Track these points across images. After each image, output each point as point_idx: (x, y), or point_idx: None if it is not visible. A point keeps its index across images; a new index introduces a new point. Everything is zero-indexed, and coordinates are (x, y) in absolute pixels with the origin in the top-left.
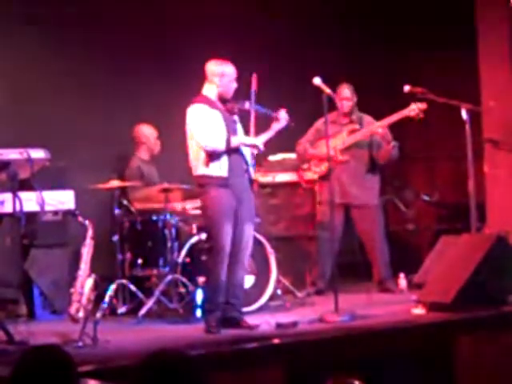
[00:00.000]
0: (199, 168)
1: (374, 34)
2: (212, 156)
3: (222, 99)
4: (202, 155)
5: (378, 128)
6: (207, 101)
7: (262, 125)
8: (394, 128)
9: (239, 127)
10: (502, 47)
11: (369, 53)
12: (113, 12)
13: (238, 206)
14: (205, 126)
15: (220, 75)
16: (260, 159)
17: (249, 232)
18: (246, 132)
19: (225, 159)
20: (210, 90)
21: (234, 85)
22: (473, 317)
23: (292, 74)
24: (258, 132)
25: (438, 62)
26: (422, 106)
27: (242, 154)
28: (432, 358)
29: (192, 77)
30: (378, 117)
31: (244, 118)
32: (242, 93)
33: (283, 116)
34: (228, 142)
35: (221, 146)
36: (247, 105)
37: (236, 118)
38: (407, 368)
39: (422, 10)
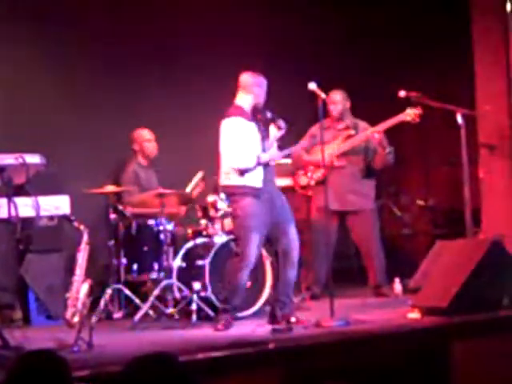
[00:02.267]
0: (233, 178)
1: (369, 40)
2: (238, 169)
3: (255, 109)
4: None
5: (374, 133)
6: (243, 113)
7: None
8: (389, 133)
9: (271, 135)
10: (497, 52)
11: (364, 58)
12: (109, 18)
13: (273, 212)
14: (237, 145)
15: (259, 85)
16: None
17: (293, 231)
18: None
19: (260, 170)
20: (245, 100)
21: (264, 97)
22: (469, 321)
23: (288, 80)
24: None
25: (434, 67)
26: (418, 110)
27: (268, 168)
28: (428, 362)
29: (189, 81)
30: (373, 122)
31: None
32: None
33: (283, 126)
34: (258, 159)
35: (250, 164)
36: (269, 114)
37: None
38: (403, 373)
39: (418, 15)
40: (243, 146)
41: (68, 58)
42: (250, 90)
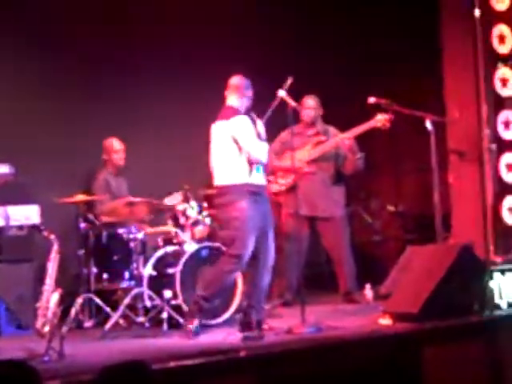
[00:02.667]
0: (239, 177)
1: (340, 48)
2: (254, 166)
3: (247, 111)
4: (245, 165)
5: (344, 139)
6: (243, 113)
7: None
8: (359, 139)
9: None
10: (466, 58)
11: (335, 66)
12: (79, 28)
13: (262, 216)
14: (255, 139)
15: (250, 88)
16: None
17: (271, 239)
18: None
19: (261, 169)
20: (238, 102)
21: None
22: (440, 327)
23: (258, 86)
24: None
25: (403, 74)
26: (388, 116)
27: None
28: (399, 368)
29: (160, 91)
30: (344, 129)
31: None
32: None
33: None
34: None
35: (265, 157)
36: (254, 116)
37: None
38: (374, 379)
39: (387, 22)
40: (258, 141)
41: (38, 68)
42: (244, 92)
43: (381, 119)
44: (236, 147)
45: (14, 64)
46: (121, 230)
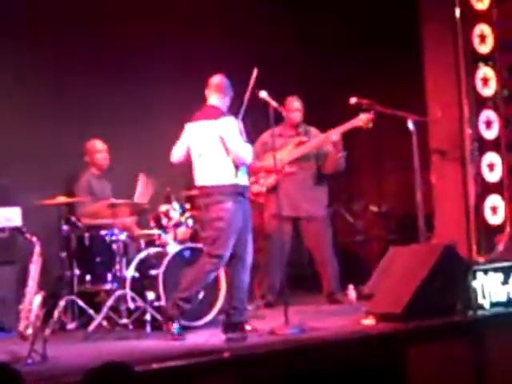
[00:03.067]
0: (226, 178)
1: (321, 48)
2: (240, 167)
3: (228, 111)
4: (231, 165)
5: (332, 135)
6: (229, 113)
7: None
8: (341, 139)
9: None
10: (447, 58)
11: (316, 67)
12: (60, 29)
13: (247, 215)
14: (242, 141)
15: (230, 87)
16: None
17: (250, 241)
18: None
19: (245, 170)
20: (221, 102)
21: None
22: (423, 327)
23: (238, 86)
24: None
25: (384, 74)
26: (370, 115)
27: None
28: (383, 368)
29: (142, 92)
30: (325, 130)
31: None
32: None
33: None
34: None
35: (250, 158)
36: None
37: None
38: (358, 380)
39: (368, 23)
40: (245, 143)
41: (18, 69)
42: (226, 91)
43: (363, 118)
44: (223, 148)
45: None
46: (103, 232)
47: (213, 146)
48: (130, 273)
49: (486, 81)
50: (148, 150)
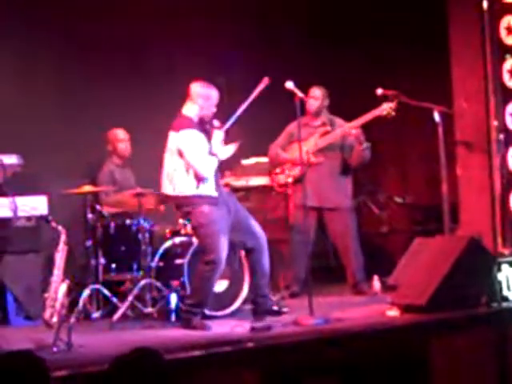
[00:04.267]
0: (188, 189)
1: (346, 39)
2: (202, 178)
3: (201, 120)
4: (191, 177)
5: (351, 129)
6: (194, 124)
7: None
8: (366, 131)
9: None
10: (474, 49)
11: (342, 57)
12: (80, 22)
13: (231, 213)
14: (201, 155)
15: (205, 98)
16: (233, 163)
17: (256, 224)
18: None
19: (212, 179)
20: (191, 110)
21: (214, 109)
22: (448, 318)
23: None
24: None
25: (411, 66)
26: (394, 104)
27: (216, 174)
28: (407, 359)
29: (163, 81)
30: (350, 120)
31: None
32: None
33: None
34: (217, 157)
35: (212, 172)
36: (216, 123)
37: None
38: (382, 370)
39: (395, 14)
40: (205, 156)
41: (45, 62)
42: (196, 100)
43: (386, 108)
44: (182, 160)
45: (22, 60)
46: (129, 221)
47: (174, 156)
48: (155, 262)
49: None
50: None
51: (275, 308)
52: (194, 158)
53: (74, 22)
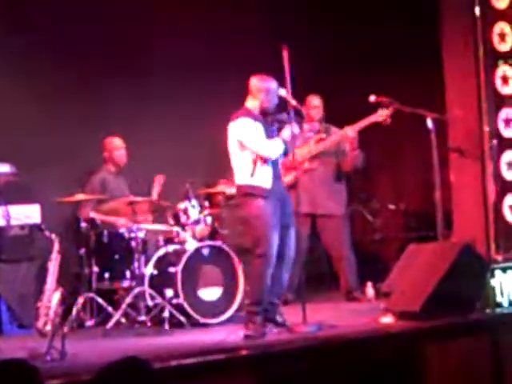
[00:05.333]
0: (245, 179)
1: (338, 44)
2: (258, 168)
3: (264, 113)
4: (250, 166)
5: (348, 131)
6: (250, 114)
7: None
8: (359, 137)
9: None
10: (467, 56)
11: (334, 63)
12: (79, 26)
13: (281, 213)
14: (259, 138)
15: (265, 91)
16: (227, 171)
17: (293, 235)
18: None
19: (269, 170)
20: (253, 104)
21: (276, 100)
22: (442, 325)
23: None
24: None
25: (403, 72)
26: (389, 111)
27: (278, 163)
28: (401, 366)
29: (160, 90)
30: (343, 127)
31: None
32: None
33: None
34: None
35: (278, 152)
36: (285, 116)
37: (274, 128)
38: (376, 377)
39: (387, 19)
40: (263, 139)
41: (38, 69)
42: (256, 95)
43: (382, 114)
44: (241, 148)
45: (14, 66)
46: (122, 230)
47: (233, 147)
48: (149, 270)
49: (506, 79)
50: (166, 147)
51: (279, 319)
52: (252, 142)
53: (69, 28)
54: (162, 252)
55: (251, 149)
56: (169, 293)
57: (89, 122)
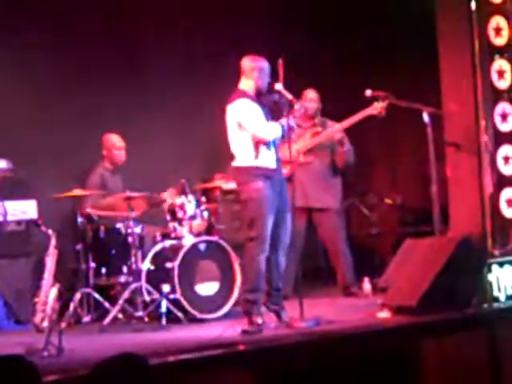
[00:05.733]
0: (247, 160)
1: (338, 40)
2: (262, 148)
3: (258, 93)
4: (252, 147)
5: (337, 131)
6: (247, 95)
7: None
8: (355, 132)
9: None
10: (463, 50)
11: (333, 59)
12: (78, 24)
13: (279, 197)
14: (257, 119)
15: (258, 70)
16: (224, 166)
17: (289, 222)
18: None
19: (272, 151)
20: (247, 85)
21: (268, 79)
22: (438, 319)
23: None
24: None
25: (402, 66)
26: (384, 104)
27: (276, 146)
28: (398, 361)
29: (155, 83)
30: (340, 121)
31: None
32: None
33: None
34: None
35: (275, 135)
36: (276, 97)
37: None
38: (373, 372)
39: (384, 15)
40: (262, 120)
41: (37, 64)
42: (250, 74)
43: (377, 107)
44: (240, 130)
45: (12, 62)
46: (119, 225)
47: (233, 129)
48: (146, 265)
49: (502, 73)
50: (162, 143)
51: (278, 309)
52: (251, 124)
53: (63, 26)
54: (158, 247)
55: (250, 130)
56: (166, 288)
57: (86, 118)
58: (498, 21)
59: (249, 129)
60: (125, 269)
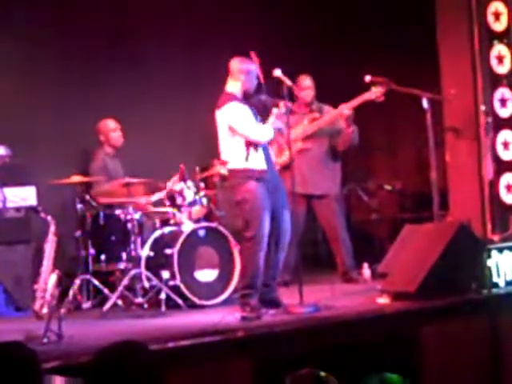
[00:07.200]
0: (239, 163)
1: (334, 28)
2: (252, 151)
3: (246, 95)
4: (242, 150)
5: (344, 109)
6: (236, 98)
7: None
8: (355, 118)
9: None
10: (462, 36)
11: (330, 46)
12: (79, 14)
13: (274, 196)
14: (249, 122)
15: (246, 72)
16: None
17: (288, 218)
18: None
19: (261, 153)
20: (234, 87)
21: (255, 82)
22: (438, 305)
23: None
24: None
25: (401, 52)
26: (382, 89)
27: (267, 148)
28: (397, 347)
29: (154, 71)
30: (336, 106)
31: None
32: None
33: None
34: (270, 133)
35: (267, 137)
36: (263, 97)
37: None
38: (373, 358)
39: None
40: (253, 123)
41: (34, 52)
42: (238, 76)
43: (376, 91)
44: (232, 134)
45: (12, 51)
46: (118, 211)
47: (224, 133)
48: (145, 252)
49: (501, 59)
50: (161, 129)
51: (275, 299)
52: (243, 127)
53: (60, 12)
54: (158, 234)
55: (242, 133)
56: (165, 275)
57: (85, 105)
58: (496, 6)
59: (241, 132)
60: (124, 255)
